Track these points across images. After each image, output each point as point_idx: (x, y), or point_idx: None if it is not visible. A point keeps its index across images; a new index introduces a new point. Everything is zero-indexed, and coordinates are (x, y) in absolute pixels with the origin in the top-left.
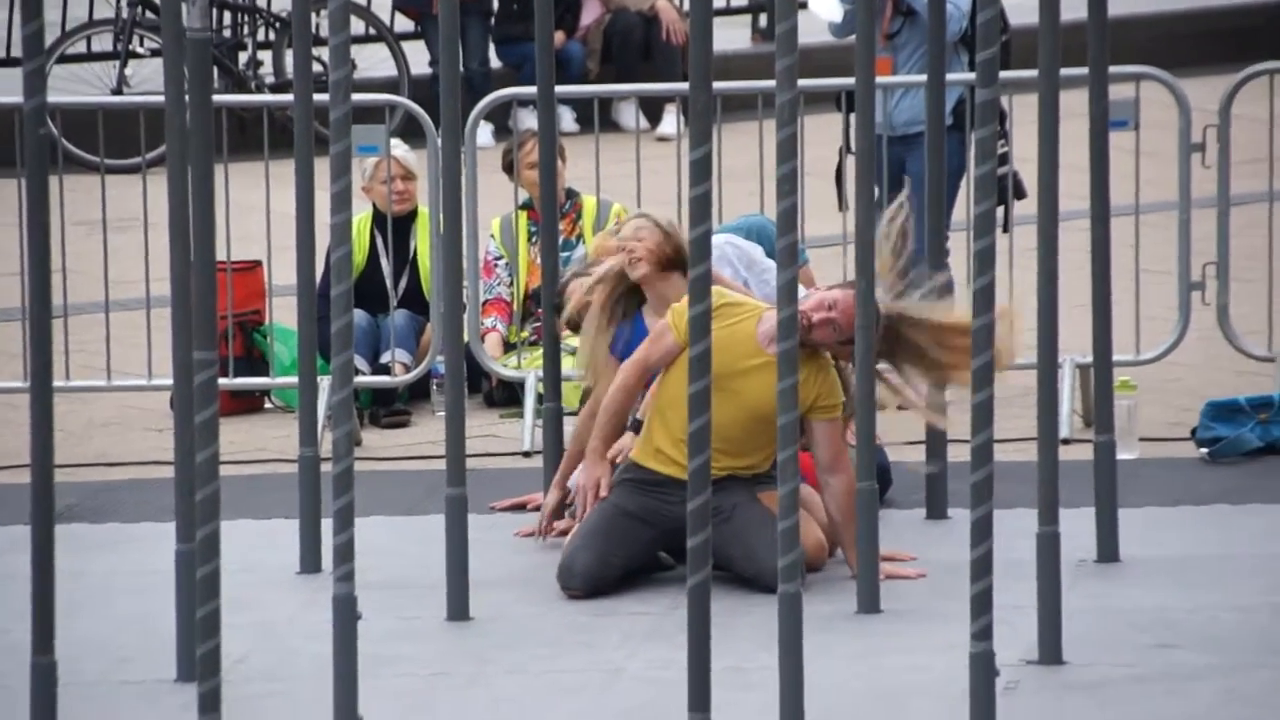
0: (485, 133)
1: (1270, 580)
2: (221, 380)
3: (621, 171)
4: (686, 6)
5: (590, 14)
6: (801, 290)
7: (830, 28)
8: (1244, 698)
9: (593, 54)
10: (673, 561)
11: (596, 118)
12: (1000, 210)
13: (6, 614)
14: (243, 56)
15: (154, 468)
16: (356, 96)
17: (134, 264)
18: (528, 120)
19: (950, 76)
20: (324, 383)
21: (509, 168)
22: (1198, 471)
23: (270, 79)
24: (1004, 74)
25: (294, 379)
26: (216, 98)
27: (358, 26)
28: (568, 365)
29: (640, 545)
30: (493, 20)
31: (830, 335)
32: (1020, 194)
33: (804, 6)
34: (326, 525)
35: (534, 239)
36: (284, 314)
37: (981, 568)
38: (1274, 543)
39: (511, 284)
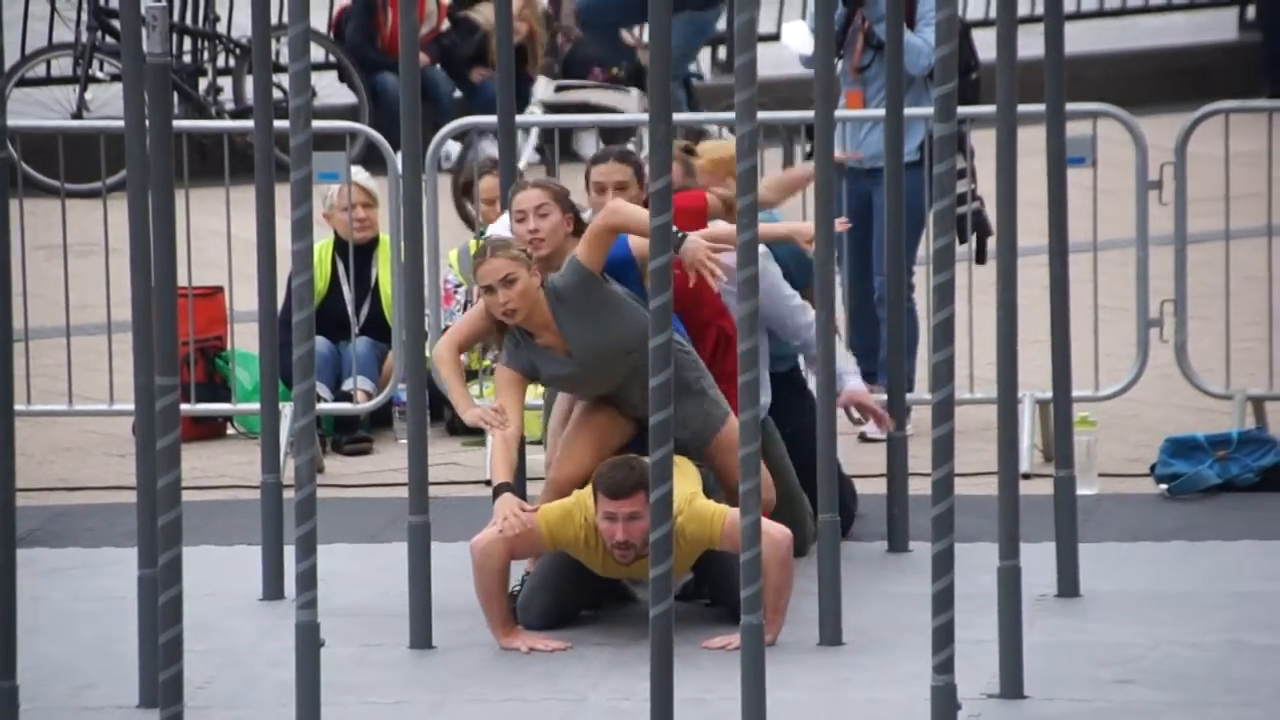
0: (456, 149)
1: (1229, 617)
2: (183, 406)
3: (581, 201)
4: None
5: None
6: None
7: (801, 60)
8: None
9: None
10: (635, 593)
11: (557, 147)
12: (973, 242)
13: None
14: (203, 82)
15: (115, 493)
16: (317, 123)
17: (95, 289)
18: (488, 149)
19: (913, 111)
20: (286, 409)
21: (467, 189)
22: (1157, 508)
23: (230, 105)
24: (962, 109)
25: (256, 405)
26: (176, 123)
27: (318, 54)
28: (529, 395)
29: (598, 587)
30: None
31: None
32: (989, 230)
33: (776, 39)
34: (289, 552)
35: None
36: (245, 340)
37: (943, 601)
38: (1232, 580)
39: None
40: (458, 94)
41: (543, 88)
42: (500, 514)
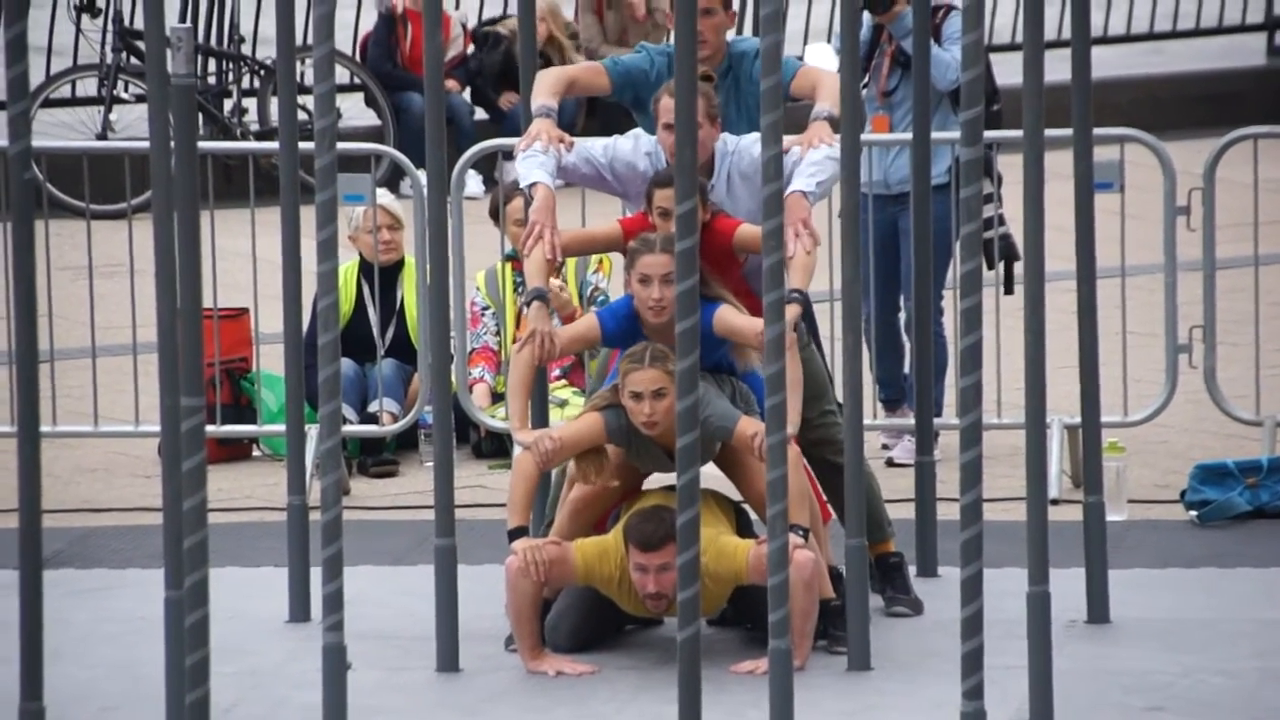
0: (475, 182)
1: (1259, 645)
2: (209, 427)
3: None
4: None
5: None
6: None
7: None
8: None
9: (580, 106)
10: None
11: None
12: (1001, 269)
13: None
14: (228, 103)
15: (141, 514)
16: (342, 145)
17: (120, 310)
18: (514, 171)
19: (940, 135)
20: (312, 431)
21: (495, 213)
22: (1186, 534)
23: (255, 126)
24: (989, 134)
25: (281, 427)
26: (201, 144)
27: (342, 75)
28: (555, 417)
29: (627, 608)
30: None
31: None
32: (1017, 255)
33: (801, 60)
34: (315, 574)
35: (519, 289)
36: (271, 361)
37: (972, 626)
38: (1263, 607)
39: (498, 333)
40: (478, 117)
41: None
42: (520, 549)
